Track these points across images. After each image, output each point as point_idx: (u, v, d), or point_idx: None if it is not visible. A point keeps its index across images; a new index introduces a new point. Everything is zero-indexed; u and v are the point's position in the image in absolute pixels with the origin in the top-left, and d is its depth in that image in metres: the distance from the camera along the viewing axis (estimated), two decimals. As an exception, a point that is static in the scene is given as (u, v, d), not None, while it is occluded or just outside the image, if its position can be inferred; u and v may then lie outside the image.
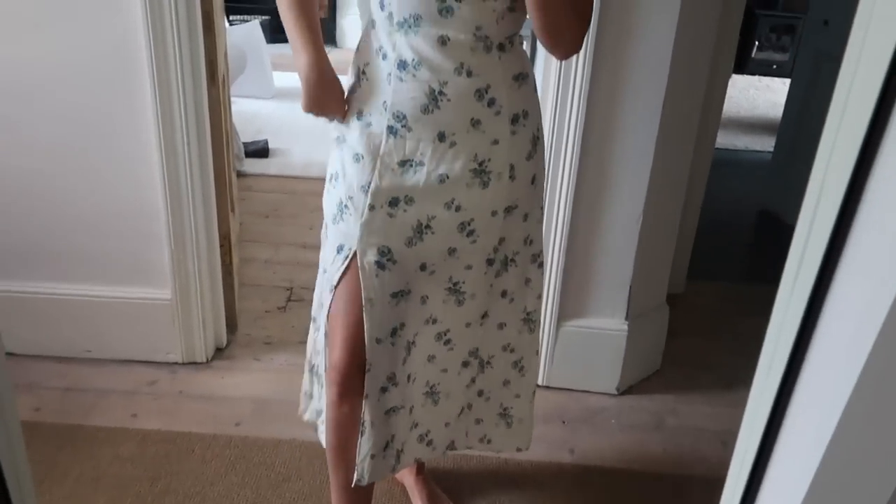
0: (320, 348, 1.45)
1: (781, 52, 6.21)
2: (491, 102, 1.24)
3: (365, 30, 1.31)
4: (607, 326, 2.10)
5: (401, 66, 1.22)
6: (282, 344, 2.30)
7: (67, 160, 1.97)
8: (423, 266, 1.31)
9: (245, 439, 1.88)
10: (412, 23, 1.19)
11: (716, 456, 1.95)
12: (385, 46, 1.23)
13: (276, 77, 4.79)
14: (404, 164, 1.26)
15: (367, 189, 1.26)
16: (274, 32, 6.16)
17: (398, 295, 1.32)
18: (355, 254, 1.28)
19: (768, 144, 4.21)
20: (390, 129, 1.24)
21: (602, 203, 1.98)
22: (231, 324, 2.31)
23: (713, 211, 3.02)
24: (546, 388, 2.14)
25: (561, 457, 1.92)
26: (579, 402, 2.13)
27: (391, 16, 1.21)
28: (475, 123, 1.24)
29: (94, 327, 2.13)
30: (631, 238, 2.00)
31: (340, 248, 1.31)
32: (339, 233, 1.31)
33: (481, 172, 1.27)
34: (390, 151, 1.25)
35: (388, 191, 1.26)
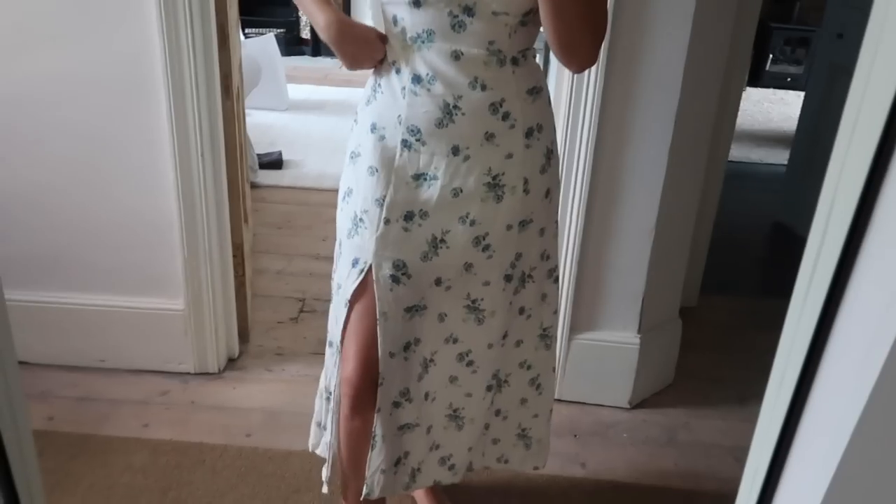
0: (336, 375, 1.43)
1: (796, 65, 6.19)
2: (505, 116, 1.24)
3: None
4: (619, 340, 2.09)
5: (415, 81, 1.22)
6: (293, 355, 2.30)
7: (82, 172, 2.00)
8: (439, 280, 1.31)
9: (256, 450, 1.89)
10: (425, 38, 1.20)
11: (728, 471, 1.93)
12: (399, 61, 1.24)
13: (291, 89, 4.83)
14: (418, 178, 1.26)
15: (382, 202, 1.26)
16: (289, 45, 6.23)
17: (412, 309, 1.32)
18: (370, 267, 1.29)
19: (782, 157, 4.19)
20: (404, 143, 1.25)
21: (614, 216, 1.97)
22: (243, 334, 2.32)
23: (727, 224, 3.01)
24: (558, 402, 2.13)
25: (573, 471, 1.91)
26: (591, 416, 2.12)
27: (404, 31, 1.22)
28: (489, 137, 1.24)
29: (108, 337, 2.15)
30: (643, 251, 2.00)
31: (356, 262, 1.31)
32: (354, 246, 1.31)
33: (495, 186, 1.27)
34: (404, 165, 1.25)
35: (403, 204, 1.26)
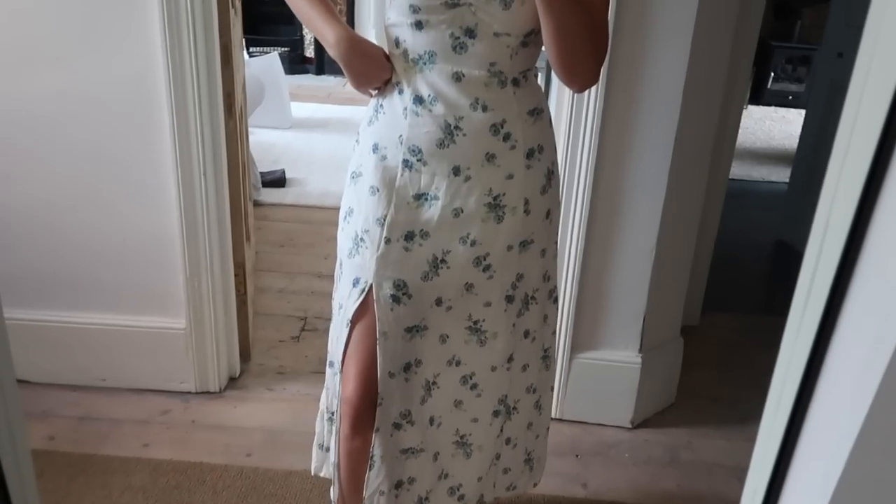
0: (338, 395, 1.43)
1: (797, 84, 6.21)
2: (506, 137, 1.25)
3: None
4: (621, 359, 2.09)
5: (417, 101, 1.23)
6: (295, 374, 2.30)
7: (86, 190, 2.01)
8: (440, 301, 1.31)
9: (256, 470, 1.88)
10: (427, 59, 1.21)
11: (731, 492, 1.92)
12: (401, 81, 1.25)
13: (294, 108, 4.86)
14: (419, 198, 1.26)
15: (383, 222, 1.26)
16: (293, 64, 6.27)
17: (413, 330, 1.32)
18: (371, 287, 1.29)
19: (784, 175, 4.20)
20: (405, 163, 1.25)
21: (615, 234, 1.98)
22: (245, 353, 2.32)
23: (729, 242, 3.00)
24: (559, 421, 2.12)
25: (574, 491, 1.90)
26: (593, 436, 2.11)
27: (406, 52, 1.23)
28: (490, 158, 1.25)
29: (109, 356, 2.15)
30: (644, 270, 2.00)
31: (356, 282, 1.31)
32: (355, 266, 1.32)
33: (496, 207, 1.27)
34: (405, 185, 1.26)
35: (404, 224, 1.27)
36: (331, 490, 1.48)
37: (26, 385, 2.13)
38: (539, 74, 1.67)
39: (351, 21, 6.26)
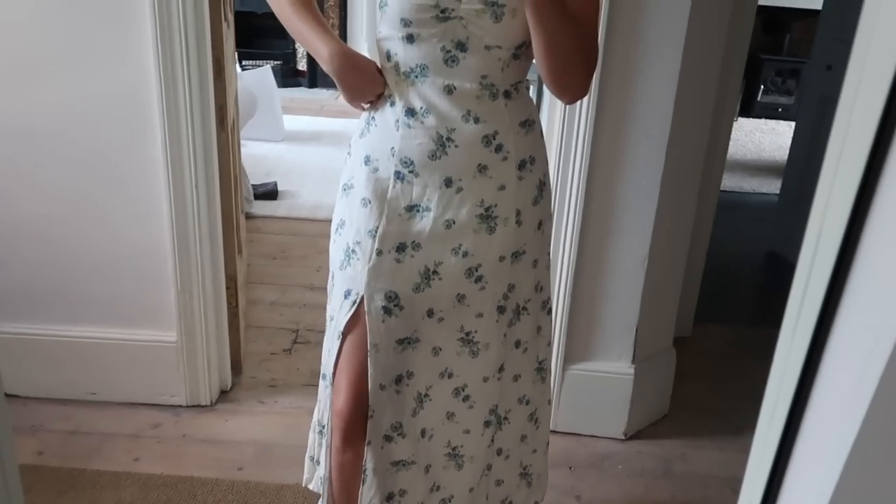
0: (329, 408, 1.42)
1: (786, 96, 6.26)
2: (498, 148, 1.25)
3: None
4: (614, 370, 2.08)
5: (409, 114, 1.23)
6: (287, 387, 2.29)
7: (76, 203, 2.00)
8: (431, 312, 1.31)
9: (248, 484, 1.86)
10: (419, 72, 1.21)
11: (725, 503, 1.91)
12: (393, 94, 1.25)
13: (287, 120, 4.87)
14: (411, 210, 1.26)
15: (375, 234, 1.26)
16: (285, 77, 6.29)
17: (404, 342, 1.31)
18: (362, 299, 1.28)
19: (774, 187, 4.22)
20: (397, 175, 1.25)
21: (607, 246, 1.98)
22: (236, 366, 2.30)
23: (720, 253, 3.02)
24: (553, 433, 2.10)
25: None
26: (586, 448, 2.10)
27: (398, 66, 1.23)
28: (482, 169, 1.25)
29: (100, 369, 2.13)
30: (637, 281, 2.00)
31: (348, 294, 1.31)
32: (346, 278, 1.31)
33: (488, 218, 1.27)
34: (397, 197, 1.26)
35: (396, 236, 1.26)
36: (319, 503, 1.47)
37: (15, 399, 2.11)
38: (532, 87, 1.68)
39: (343, 34, 6.29)
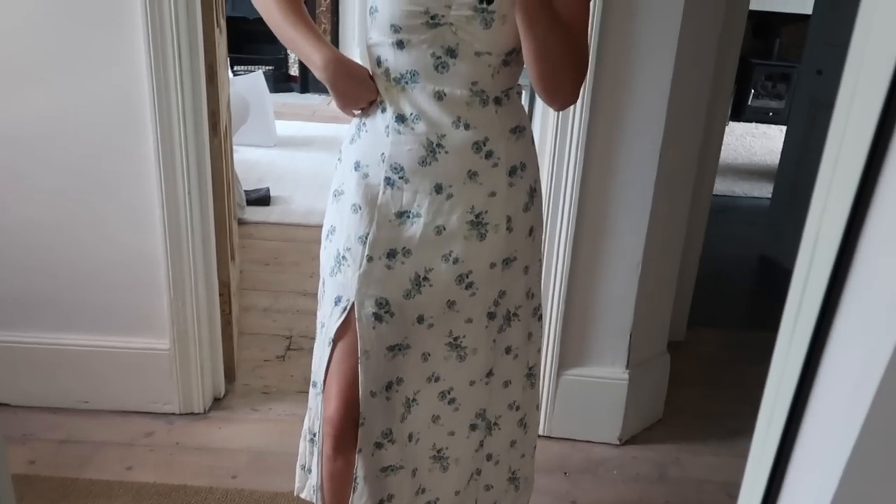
0: (320, 416, 1.41)
1: (777, 100, 6.30)
2: (489, 154, 1.25)
3: None
4: (608, 375, 2.08)
5: (399, 120, 1.23)
6: (280, 394, 2.27)
7: (69, 210, 1.99)
8: (421, 318, 1.30)
9: (241, 492, 1.85)
10: (409, 78, 1.21)
11: (721, 508, 1.92)
12: (384, 100, 1.25)
13: (279, 126, 4.86)
14: (401, 216, 1.26)
15: (365, 240, 1.26)
16: (277, 82, 6.28)
17: (395, 348, 1.31)
18: (353, 305, 1.28)
19: (766, 191, 4.24)
20: (388, 181, 1.25)
21: (601, 251, 1.98)
22: (229, 373, 2.29)
23: (713, 257, 3.02)
24: (547, 439, 2.11)
25: (563, 509, 1.89)
26: (581, 453, 2.10)
27: (388, 72, 1.23)
28: (472, 175, 1.25)
29: (92, 377, 2.11)
30: (630, 286, 2.00)
31: (338, 300, 1.31)
32: (337, 284, 1.31)
33: (478, 224, 1.27)
34: (388, 203, 1.25)
35: (386, 242, 1.26)
36: None
37: (6, 408, 2.09)
38: (523, 93, 1.68)
39: (335, 40, 6.28)
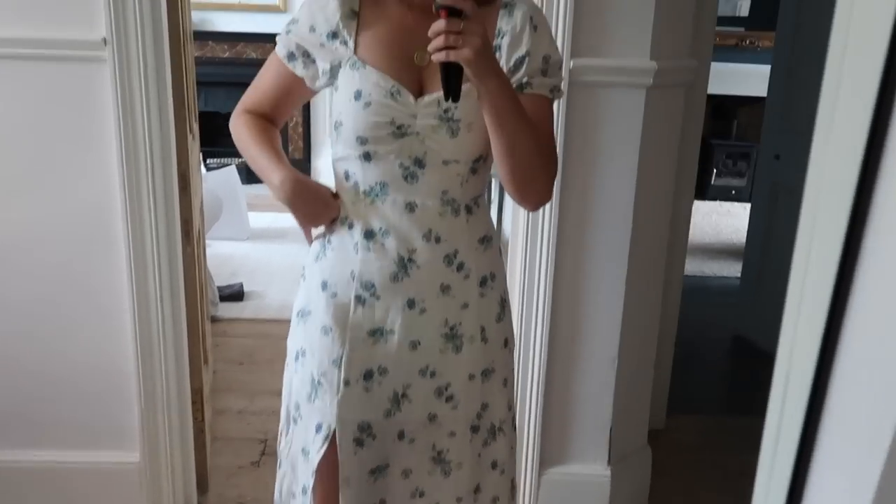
0: None
1: (739, 178, 6.47)
2: (460, 267, 1.25)
3: None
4: (590, 472, 2.06)
5: (367, 236, 1.23)
6: (255, 503, 2.20)
7: (40, 319, 1.96)
8: (402, 434, 1.28)
9: None
10: (378, 191, 1.21)
11: None
12: (350, 216, 1.25)
13: (252, 218, 4.86)
14: (374, 334, 1.25)
15: (340, 362, 1.24)
16: (250, 173, 6.33)
17: (376, 471, 1.29)
18: (335, 432, 1.25)
19: (735, 270, 4.30)
20: (358, 299, 1.24)
21: (576, 348, 1.99)
22: (202, 483, 2.21)
23: (687, 340, 3.03)
24: (532, 540, 2.06)
25: None
26: (567, 554, 2.05)
27: (356, 185, 1.23)
28: (445, 289, 1.25)
29: (60, 496, 2.03)
30: (608, 381, 2.00)
31: (319, 428, 1.28)
32: (315, 411, 1.28)
33: (453, 337, 1.27)
34: (359, 321, 1.24)
35: (361, 363, 1.25)
36: None
37: (-34, 532, 2.00)
38: (494, 186, 1.70)
39: (308, 143, 6.39)
